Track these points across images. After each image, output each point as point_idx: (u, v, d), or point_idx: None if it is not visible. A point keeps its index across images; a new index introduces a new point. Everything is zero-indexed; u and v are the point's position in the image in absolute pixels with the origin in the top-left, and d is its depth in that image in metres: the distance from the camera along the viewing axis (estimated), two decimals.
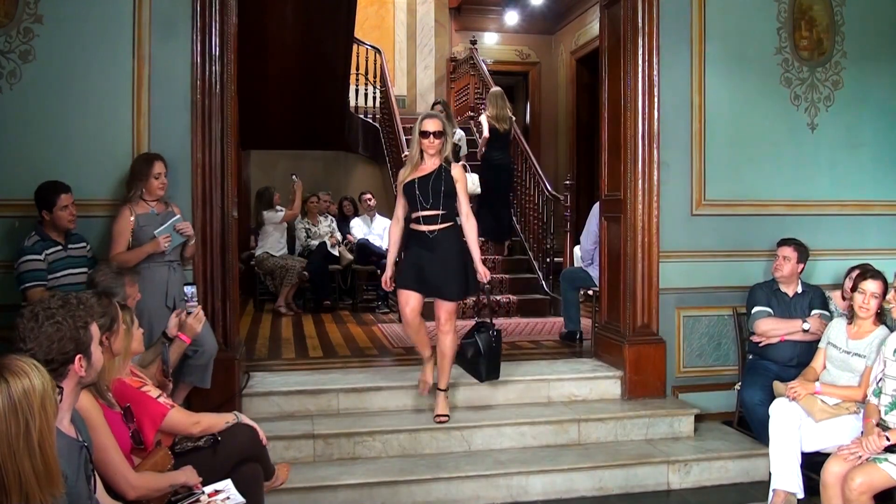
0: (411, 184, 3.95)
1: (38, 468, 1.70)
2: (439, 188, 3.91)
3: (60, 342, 2.03)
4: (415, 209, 3.96)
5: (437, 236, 3.94)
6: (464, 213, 4.02)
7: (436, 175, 3.94)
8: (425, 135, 3.93)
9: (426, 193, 3.91)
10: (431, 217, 3.94)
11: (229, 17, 4.05)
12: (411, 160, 4.03)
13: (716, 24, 4.64)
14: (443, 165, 3.98)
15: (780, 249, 4.28)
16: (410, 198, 3.96)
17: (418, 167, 3.99)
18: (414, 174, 3.98)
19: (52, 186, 3.62)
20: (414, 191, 3.93)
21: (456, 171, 4.00)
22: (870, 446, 3.09)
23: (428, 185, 3.92)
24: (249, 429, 3.00)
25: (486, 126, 7.58)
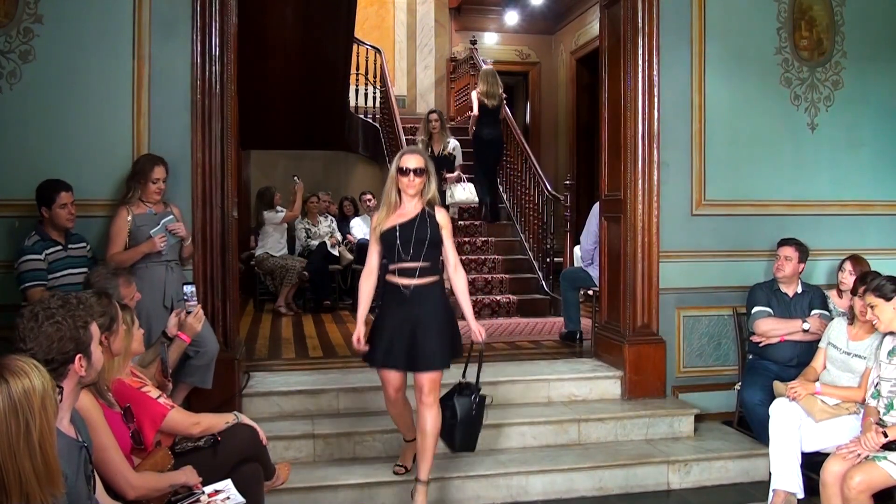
0: (390, 231, 3.36)
1: (38, 468, 1.70)
2: (423, 237, 3.35)
3: (60, 342, 2.03)
4: (393, 260, 3.37)
5: (419, 292, 3.36)
6: (451, 264, 3.48)
7: (419, 221, 3.37)
8: (404, 172, 3.35)
9: (407, 243, 3.33)
10: (412, 270, 3.35)
11: (229, 17, 4.05)
12: (388, 202, 3.42)
13: (716, 24, 4.65)
14: (426, 209, 3.40)
15: (781, 249, 4.28)
16: (388, 247, 3.37)
17: (396, 211, 3.41)
18: (392, 219, 3.39)
19: (52, 184, 3.63)
20: (394, 240, 3.34)
21: (441, 217, 3.44)
22: (868, 443, 3.09)
23: (410, 232, 3.35)
24: (249, 429, 2.99)
25: (475, 103, 7.88)
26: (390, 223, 3.38)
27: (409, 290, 3.35)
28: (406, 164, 3.36)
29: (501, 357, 5.10)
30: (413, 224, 3.36)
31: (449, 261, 3.49)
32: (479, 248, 7.78)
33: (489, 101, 7.77)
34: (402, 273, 3.36)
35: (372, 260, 3.48)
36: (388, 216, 3.40)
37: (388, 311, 3.42)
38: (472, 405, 3.48)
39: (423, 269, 3.35)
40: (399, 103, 9.72)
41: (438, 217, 3.43)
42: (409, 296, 3.35)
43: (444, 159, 7.33)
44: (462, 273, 3.52)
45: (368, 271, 3.48)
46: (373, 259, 3.47)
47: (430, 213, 3.42)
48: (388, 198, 3.42)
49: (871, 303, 3.31)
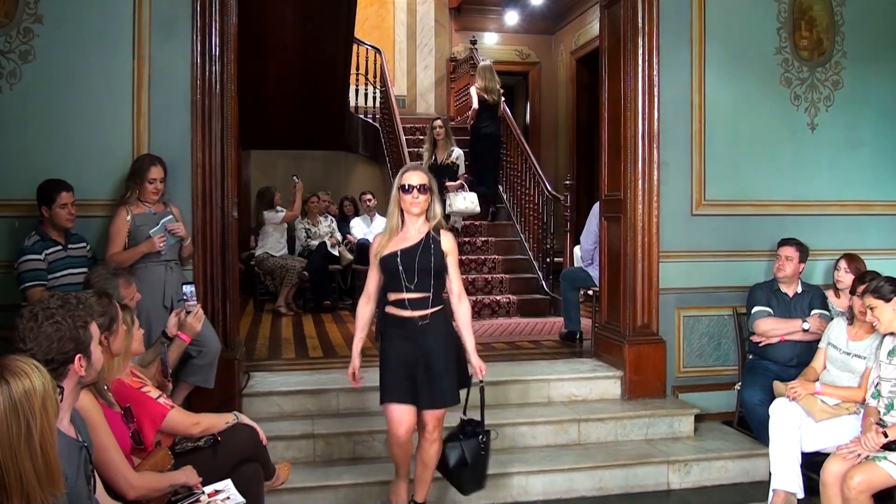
0: (391, 258, 3.14)
1: (39, 469, 1.70)
2: (428, 264, 3.13)
3: (60, 342, 2.03)
4: (396, 289, 3.16)
5: (424, 324, 3.15)
6: (456, 293, 3.25)
7: (422, 247, 3.15)
8: (407, 190, 3.13)
9: (412, 271, 3.12)
10: (416, 301, 3.14)
11: (229, 17, 4.05)
12: (390, 225, 3.22)
13: (716, 24, 4.65)
14: (430, 234, 3.18)
15: (782, 249, 4.28)
16: (391, 275, 3.16)
17: (398, 234, 3.20)
18: (394, 244, 3.18)
19: (53, 183, 3.63)
20: (395, 267, 3.13)
21: (447, 242, 3.20)
22: (868, 443, 3.09)
23: (414, 260, 3.12)
24: (249, 429, 3.00)
25: (475, 97, 7.95)
26: (392, 248, 3.17)
27: (413, 323, 3.15)
28: (408, 180, 3.14)
29: (501, 357, 5.10)
30: (416, 250, 3.14)
31: (453, 290, 3.26)
32: (479, 248, 7.78)
33: (489, 96, 7.88)
34: (406, 304, 3.15)
35: (370, 285, 3.27)
36: (390, 240, 3.19)
37: (392, 344, 3.20)
38: (480, 445, 3.29)
39: (427, 300, 3.15)
40: (399, 103, 9.72)
41: (444, 243, 3.19)
42: (414, 328, 3.15)
43: (447, 168, 7.30)
44: (466, 303, 3.28)
45: (366, 297, 3.28)
46: (371, 285, 3.27)
47: (436, 238, 3.18)
48: (390, 220, 3.22)
49: (871, 304, 3.31)
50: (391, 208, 3.22)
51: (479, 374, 3.24)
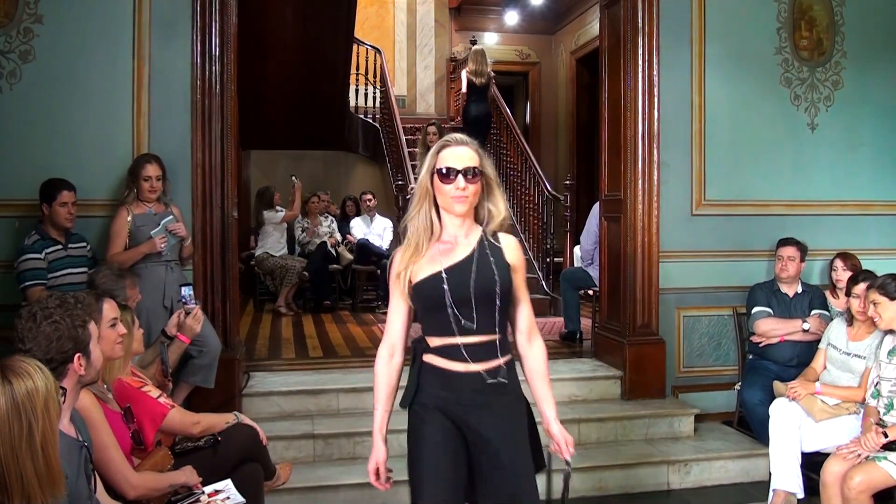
0: (434, 282, 2.08)
1: (40, 470, 1.70)
2: (492, 288, 2.08)
3: (59, 341, 2.03)
4: (443, 331, 2.09)
5: (488, 385, 2.09)
6: (525, 328, 2.21)
7: (479, 260, 2.10)
8: (446, 175, 2.06)
9: (465, 301, 2.06)
10: (481, 348, 2.09)
11: (229, 17, 4.05)
12: (416, 232, 2.13)
13: (716, 24, 4.65)
14: (486, 240, 2.14)
15: (783, 250, 4.28)
16: (433, 310, 2.09)
17: (433, 244, 2.13)
18: (432, 260, 2.11)
19: (56, 181, 3.64)
20: (440, 296, 2.06)
21: (513, 251, 2.17)
22: (868, 444, 3.10)
23: (468, 282, 2.07)
24: (249, 429, 3.00)
25: (464, 80, 8.21)
26: (429, 266, 2.09)
27: (474, 383, 2.08)
28: (448, 161, 2.06)
29: None
30: (469, 266, 2.08)
31: (520, 324, 2.21)
32: None
33: (477, 78, 8.06)
34: (461, 354, 2.08)
35: (394, 329, 2.18)
36: (417, 254, 2.11)
37: (431, 417, 2.12)
38: None
39: (492, 345, 2.10)
40: (399, 103, 9.73)
41: (509, 253, 2.15)
42: (473, 392, 2.09)
43: None
44: (541, 343, 2.23)
45: (388, 348, 2.19)
46: (395, 328, 2.18)
47: (495, 245, 2.14)
48: (416, 224, 2.13)
49: (875, 300, 3.31)
50: (416, 204, 2.14)
51: (565, 452, 2.21)
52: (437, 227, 2.14)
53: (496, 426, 2.10)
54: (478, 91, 8.10)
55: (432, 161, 2.11)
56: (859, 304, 3.56)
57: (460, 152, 2.09)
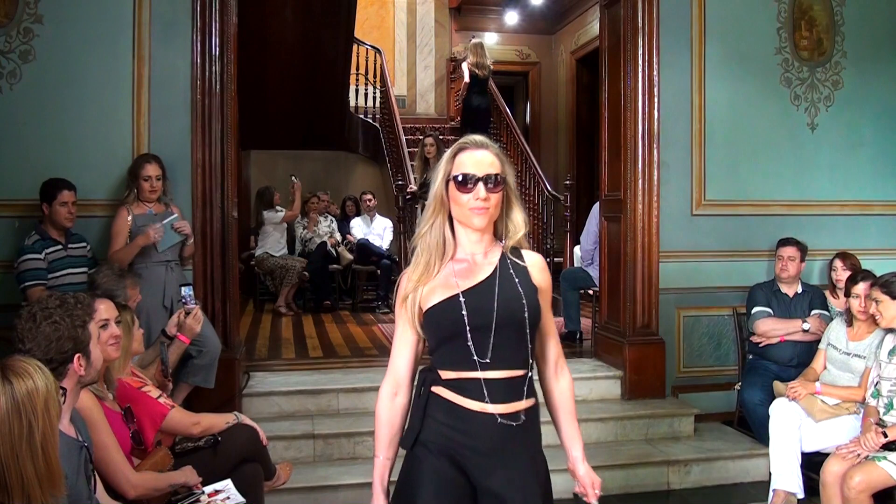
0: (451, 307, 1.79)
1: (40, 470, 1.70)
2: (519, 314, 1.80)
3: (58, 342, 2.03)
4: (458, 364, 1.80)
5: (516, 431, 1.81)
6: (552, 358, 1.97)
7: (501, 281, 1.82)
8: (464, 183, 1.78)
9: (485, 329, 1.78)
10: (503, 386, 1.80)
11: (229, 17, 4.05)
12: (429, 247, 1.85)
13: (716, 24, 4.65)
14: (507, 258, 1.86)
15: (784, 250, 4.28)
16: (447, 340, 1.80)
17: (446, 262, 1.85)
18: (445, 282, 1.82)
19: (56, 181, 3.64)
20: (458, 323, 1.77)
21: (539, 270, 1.90)
22: (868, 443, 3.10)
23: (491, 307, 1.78)
24: (250, 429, 3.00)
25: (466, 73, 8.33)
26: (443, 290, 1.80)
27: (490, 425, 1.78)
28: (466, 167, 1.79)
29: None
30: (491, 289, 1.80)
31: (548, 354, 1.97)
32: None
33: (480, 71, 8.26)
34: (481, 392, 1.78)
35: (399, 361, 1.89)
36: (428, 275, 1.83)
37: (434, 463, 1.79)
38: None
39: (516, 383, 1.81)
40: (399, 103, 9.73)
41: (535, 273, 1.88)
42: (489, 436, 1.79)
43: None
44: (569, 377, 2.01)
45: (392, 383, 1.89)
46: (401, 360, 1.89)
47: (518, 263, 1.87)
48: (427, 240, 1.84)
49: (877, 298, 3.31)
50: (429, 218, 1.85)
51: (592, 496, 2.02)
52: (450, 244, 1.85)
53: (511, 482, 1.77)
54: (480, 83, 8.30)
55: (447, 167, 1.82)
56: (859, 303, 3.56)
57: (480, 157, 1.80)
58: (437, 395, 1.84)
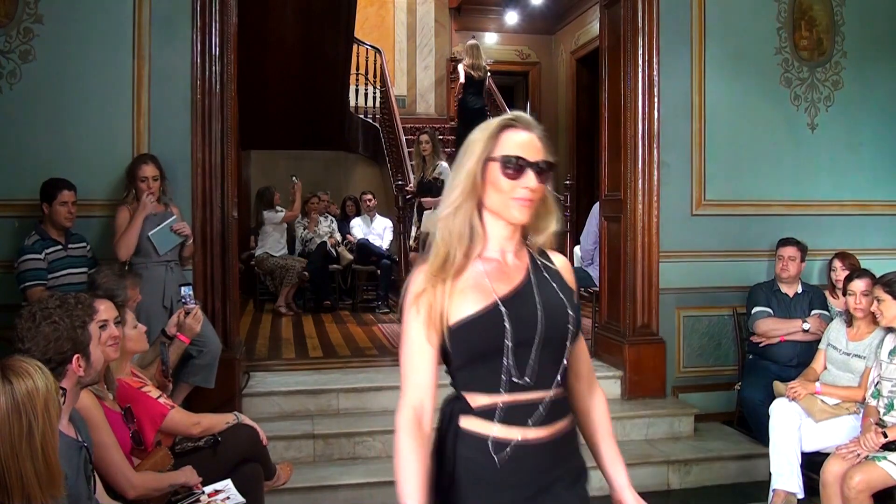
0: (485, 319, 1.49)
1: (39, 470, 1.70)
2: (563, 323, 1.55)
3: (57, 342, 2.03)
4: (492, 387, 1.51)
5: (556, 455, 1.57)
6: (585, 372, 1.71)
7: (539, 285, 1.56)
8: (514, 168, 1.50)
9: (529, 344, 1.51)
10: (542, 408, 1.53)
11: (229, 17, 4.05)
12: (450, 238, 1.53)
13: (716, 24, 4.65)
14: (537, 260, 1.61)
15: (784, 250, 4.28)
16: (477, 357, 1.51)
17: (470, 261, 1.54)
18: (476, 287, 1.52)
19: (56, 181, 3.65)
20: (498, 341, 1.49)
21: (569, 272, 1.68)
22: (867, 443, 3.10)
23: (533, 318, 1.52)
24: (250, 429, 3.00)
25: (462, 74, 8.39)
26: (475, 296, 1.50)
27: (533, 458, 1.52)
28: (518, 148, 1.51)
29: None
30: (531, 296, 1.53)
31: (581, 368, 1.69)
32: None
33: (475, 72, 8.32)
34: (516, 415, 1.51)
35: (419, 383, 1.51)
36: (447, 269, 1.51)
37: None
38: None
39: (556, 404, 1.55)
40: (399, 103, 9.73)
41: (567, 275, 1.66)
42: (533, 471, 1.53)
43: (430, 185, 6.52)
44: (602, 393, 1.76)
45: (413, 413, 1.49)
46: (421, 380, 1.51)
47: (549, 265, 1.63)
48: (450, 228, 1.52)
49: (879, 296, 3.31)
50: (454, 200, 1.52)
51: None
52: (479, 237, 1.54)
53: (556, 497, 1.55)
54: (476, 84, 8.37)
55: (488, 144, 1.52)
56: (854, 300, 3.56)
57: (529, 138, 1.53)
58: (468, 432, 1.51)
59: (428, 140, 6.69)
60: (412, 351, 1.52)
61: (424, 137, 6.73)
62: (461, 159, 1.55)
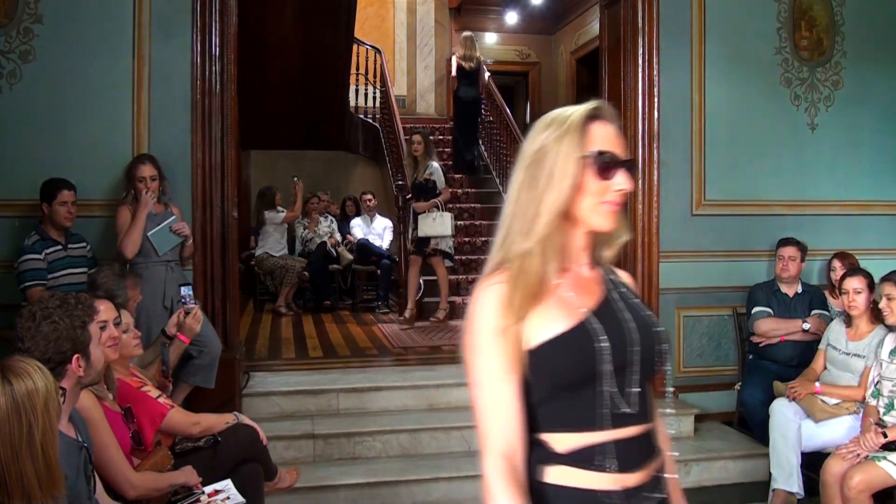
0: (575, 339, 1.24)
1: (40, 470, 1.70)
2: (656, 341, 1.32)
3: (57, 342, 2.03)
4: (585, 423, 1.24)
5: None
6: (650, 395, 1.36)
7: (621, 300, 1.35)
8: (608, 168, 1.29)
9: (626, 367, 1.26)
10: (639, 444, 1.28)
11: (229, 17, 4.05)
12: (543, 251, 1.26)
13: (716, 25, 4.65)
14: (605, 273, 1.40)
15: (784, 250, 4.28)
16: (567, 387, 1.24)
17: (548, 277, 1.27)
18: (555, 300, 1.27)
19: (56, 181, 3.64)
20: (593, 364, 1.23)
21: (635, 287, 1.46)
22: (867, 444, 3.10)
23: (627, 336, 1.28)
24: (250, 429, 2.99)
25: (454, 66, 8.59)
26: (559, 312, 1.26)
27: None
28: (605, 143, 1.31)
29: None
30: (618, 311, 1.33)
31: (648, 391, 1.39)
32: (479, 248, 7.78)
33: (466, 63, 8.41)
34: (615, 457, 1.24)
35: (507, 425, 1.23)
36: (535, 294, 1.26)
37: None
38: None
39: (650, 439, 1.32)
40: (399, 103, 9.73)
41: (635, 290, 1.45)
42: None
43: (422, 186, 6.43)
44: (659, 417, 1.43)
45: (506, 462, 1.21)
46: (508, 421, 1.23)
47: (618, 279, 1.43)
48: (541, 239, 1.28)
49: (889, 294, 3.31)
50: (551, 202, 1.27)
51: None
52: (571, 250, 1.33)
53: None
54: (467, 75, 8.47)
55: (577, 137, 1.28)
56: (848, 298, 3.56)
57: (616, 132, 1.33)
58: (560, 487, 1.23)
59: (420, 140, 6.58)
60: (492, 387, 1.23)
61: (417, 138, 6.62)
62: (535, 157, 1.29)
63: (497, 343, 1.22)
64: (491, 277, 1.28)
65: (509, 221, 1.30)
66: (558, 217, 1.27)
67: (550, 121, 1.34)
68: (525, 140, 1.34)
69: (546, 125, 1.33)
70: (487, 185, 8.94)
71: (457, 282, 7.13)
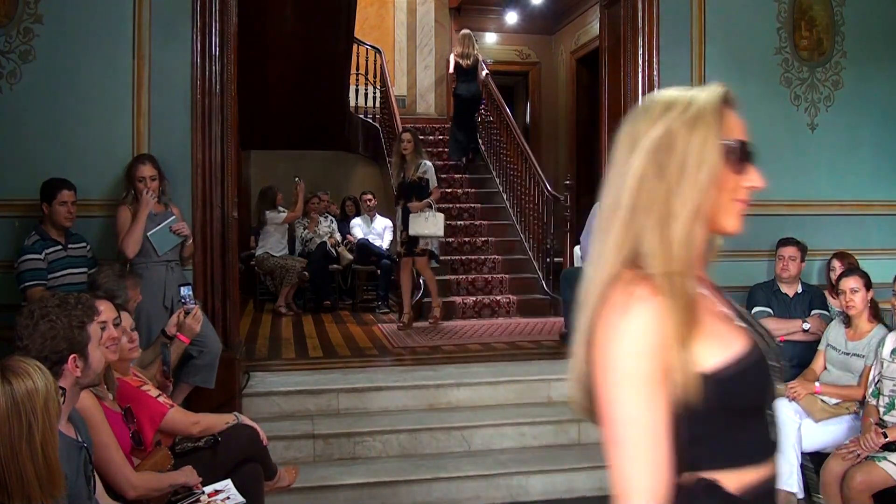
0: (750, 364, 1.06)
1: (39, 470, 1.70)
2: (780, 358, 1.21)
3: (53, 341, 2.02)
4: (752, 456, 1.06)
5: None
6: None
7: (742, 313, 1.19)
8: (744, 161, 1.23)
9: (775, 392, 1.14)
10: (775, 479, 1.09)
11: (229, 17, 4.05)
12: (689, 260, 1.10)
13: (716, 24, 4.64)
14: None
15: (784, 250, 4.27)
16: (738, 415, 1.06)
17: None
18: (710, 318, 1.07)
19: (56, 181, 3.64)
20: (763, 391, 1.10)
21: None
22: (867, 444, 3.11)
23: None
24: (250, 429, 2.99)
25: (452, 63, 8.86)
26: (724, 333, 1.08)
27: None
28: (740, 132, 1.28)
29: (501, 357, 5.10)
30: (752, 328, 1.17)
31: None
32: (479, 248, 7.78)
33: (463, 60, 8.58)
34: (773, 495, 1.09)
35: (658, 470, 0.99)
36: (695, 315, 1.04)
37: None
38: None
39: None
40: (399, 103, 9.73)
41: None
42: None
43: (414, 185, 6.31)
44: None
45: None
46: (659, 465, 0.99)
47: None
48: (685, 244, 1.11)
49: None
50: (693, 201, 1.14)
51: None
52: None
53: None
54: (465, 73, 8.62)
55: (712, 123, 1.17)
56: (844, 298, 3.57)
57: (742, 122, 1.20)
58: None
59: (410, 139, 6.44)
60: (645, 420, 1.00)
61: (406, 136, 6.48)
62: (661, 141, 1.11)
63: (653, 369, 1.00)
64: (629, 287, 1.05)
65: (630, 216, 1.08)
66: (698, 217, 1.11)
67: (670, 102, 1.14)
68: (631, 124, 1.13)
69: (666, 106, 1.13)
70: (487, 185, 8.92)
71: (457, 282, 7.13)
